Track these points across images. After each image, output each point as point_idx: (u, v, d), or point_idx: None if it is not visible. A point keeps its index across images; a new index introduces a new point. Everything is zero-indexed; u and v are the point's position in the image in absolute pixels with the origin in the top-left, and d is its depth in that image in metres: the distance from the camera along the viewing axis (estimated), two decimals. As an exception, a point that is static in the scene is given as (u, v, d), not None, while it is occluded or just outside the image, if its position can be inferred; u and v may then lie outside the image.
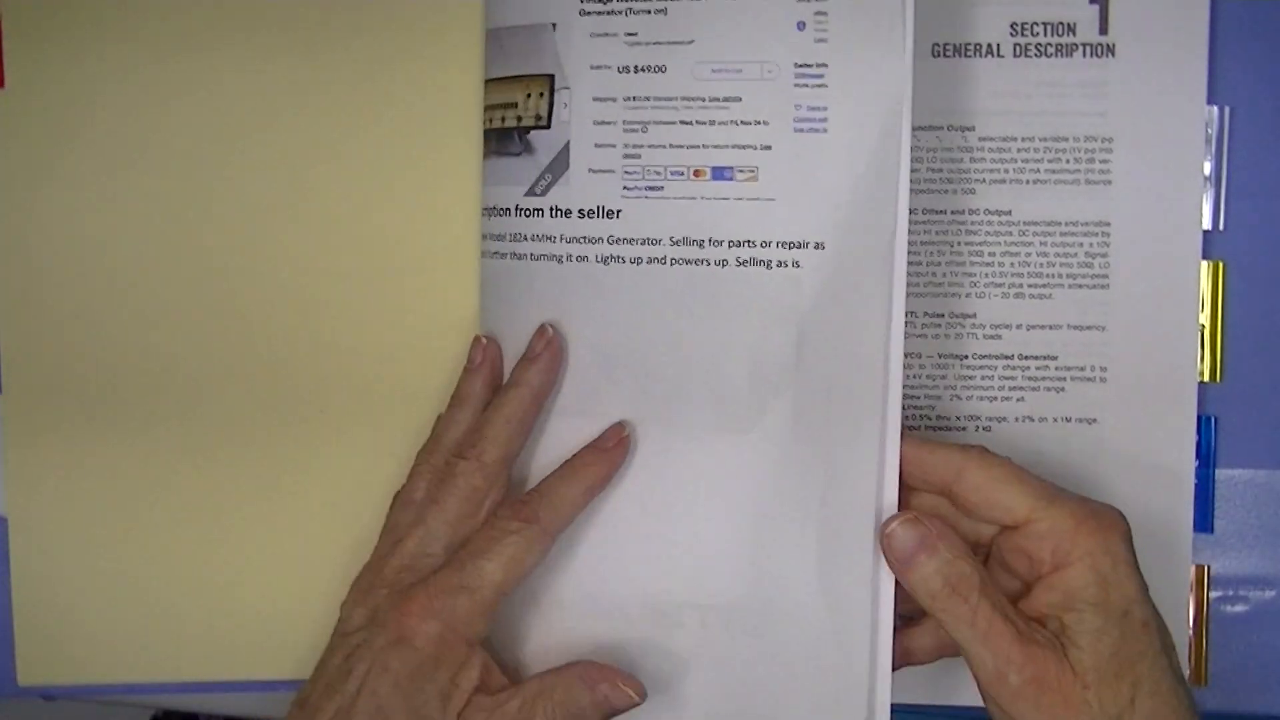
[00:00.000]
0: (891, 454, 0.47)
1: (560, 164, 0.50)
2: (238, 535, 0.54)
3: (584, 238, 0.49)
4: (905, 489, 0.47)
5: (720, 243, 0.48)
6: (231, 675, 0.55)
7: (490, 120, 0.52)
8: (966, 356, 0.53)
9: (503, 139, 0.51)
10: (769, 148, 0.48)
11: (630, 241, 0.49)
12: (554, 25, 0.50)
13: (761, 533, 0.48)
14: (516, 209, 0.51)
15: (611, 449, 0.48)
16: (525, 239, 0.50)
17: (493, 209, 0.51)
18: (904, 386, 0.53)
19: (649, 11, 0.48)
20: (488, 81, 0.52)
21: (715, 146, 0.48)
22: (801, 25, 0.47)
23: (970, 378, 0.53)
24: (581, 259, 0.49)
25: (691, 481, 0.48)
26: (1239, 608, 0.54)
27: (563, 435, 0.49)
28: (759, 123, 0.48)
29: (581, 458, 0.48)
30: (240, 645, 0.55)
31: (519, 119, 0.50)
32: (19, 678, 0.55)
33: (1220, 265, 0.53)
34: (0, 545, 0.55)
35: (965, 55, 0.52)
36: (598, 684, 0.46)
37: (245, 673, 0.55)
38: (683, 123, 0.48)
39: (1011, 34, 0.52)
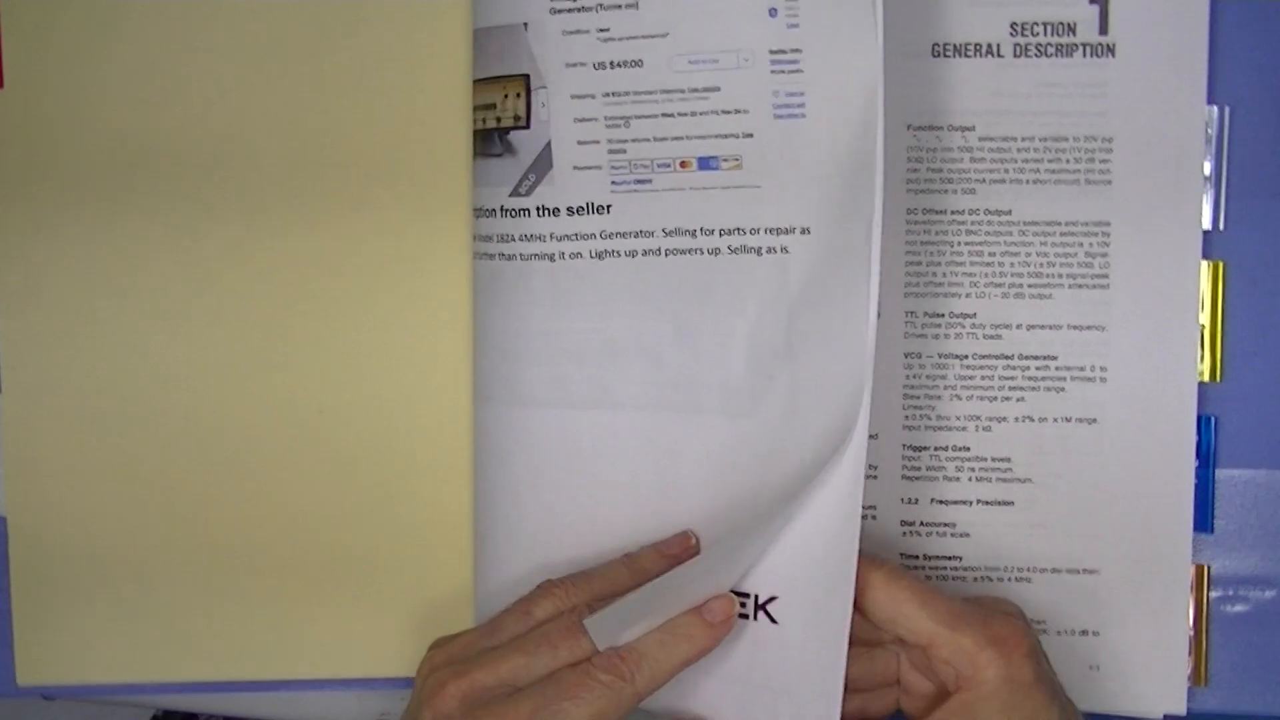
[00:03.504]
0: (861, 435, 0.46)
1: (544, 163, 0.50)
2: (238, 536, 0.54)
3: (575, 234, 0.50)
4: None
5: (711, 232, 0.49)
6: (231, 675, 0.55)
7: (477, 122, 0.52)
8: (966, 356, 0.53)
9: (486, 140, 0.51)
10: (750, 135, 0.48)
11: (623, 235, 0.49)
12: (525, 25, 0.50)
13: (758, 516, 0.48)
14: (502, 210, 0.51)
15: (718, 624, 0.46)
16: (514, 239, 0.51)
17: (480, 210, 0.51)
18: (904, 386, 0.53)
19: (620, 6, 0.49)
20: (475, 82, 0.52)
21: (699, 137, 0.49)
22: (773, 12, 0.48)
23: (970, 378, 0.53)
24: (575, 255, 0.50)
25: (703, 464, 0.49)
26: (1239, 608, 0.54)
27: (577, 428, 0.50)
28: (738, 111, 0.48)
29: (685, 626, 0.46)
30: (240, 645, 0.55)
31: (499, 120, 0.51)
32: (18, 678, 0.55)
33: (1220, 265, 0.53)
34: (0, 545, 0.55)
35: (965, 55, 0.52)
36: None
37: (245, 673, 0.55)
38: (665, 115, 0.49)
39: (1011, 34, 0.52)
